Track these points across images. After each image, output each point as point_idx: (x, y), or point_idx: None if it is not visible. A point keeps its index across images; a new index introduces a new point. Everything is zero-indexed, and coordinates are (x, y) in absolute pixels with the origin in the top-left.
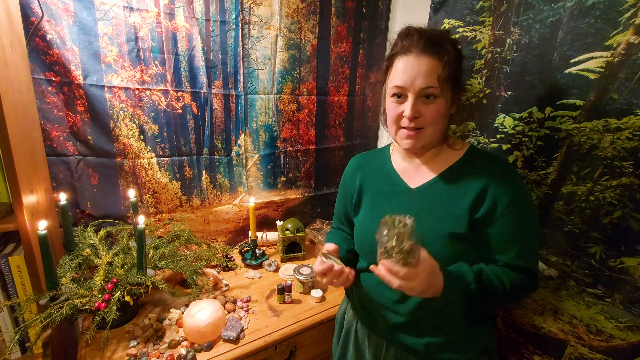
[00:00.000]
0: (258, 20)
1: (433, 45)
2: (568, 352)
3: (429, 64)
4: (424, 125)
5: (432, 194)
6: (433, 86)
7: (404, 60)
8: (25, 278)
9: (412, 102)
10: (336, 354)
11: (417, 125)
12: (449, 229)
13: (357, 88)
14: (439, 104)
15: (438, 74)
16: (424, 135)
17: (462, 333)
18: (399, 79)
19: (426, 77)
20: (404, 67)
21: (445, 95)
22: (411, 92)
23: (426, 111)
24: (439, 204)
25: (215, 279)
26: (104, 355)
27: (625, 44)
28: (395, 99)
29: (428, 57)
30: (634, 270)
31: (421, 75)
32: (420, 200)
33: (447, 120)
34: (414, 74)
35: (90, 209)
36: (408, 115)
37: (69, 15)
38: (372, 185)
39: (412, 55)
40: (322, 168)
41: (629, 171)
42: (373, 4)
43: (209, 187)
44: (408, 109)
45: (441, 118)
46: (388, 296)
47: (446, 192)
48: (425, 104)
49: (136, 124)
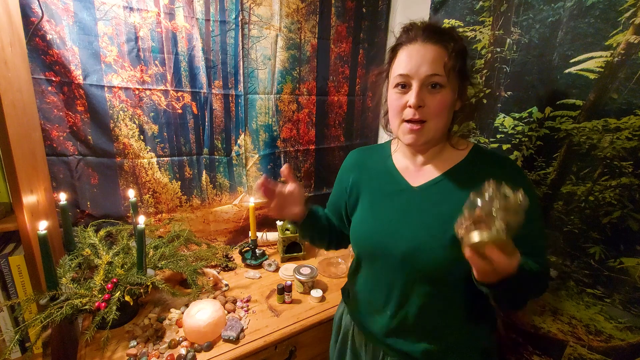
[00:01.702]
0: (258, 20)
1: (438, 34)
2: (567, 353)
3: (435, 51)
4: (428, 118)
5: (434, 193)
6: (439, 74)
7: (409, 48)
8: (25, 278)
9: (417, 90)
10: (333, 358)
11: (422, 116)
12: (452, 231)
13: (357, 88)
14: (445, 95)
15: (444, 62)
16: (427, 129)
17: (461, 338)
18: (403, 67)
19: (432, 65)
20: (408, 54)
21: (452, 86)
22: (416, 80)
23: (431, 101)
24: (442, 204)
25: (215, 279)
26: (104, 355)
27: (624, 43)
28: (399, 89)
29: (434, 44)
30: (633, 270)
31: (426, 63)
32: (422, 200)
33: (451, 115)
34: (419, 61)
35: (90, 209)
36: (412, 103)
37: (69, 15)
38: (371, 184)
39: (418, 43)
40: (322, 168)
41: (628, 171)
42: (373, 4)
43: (209, 187)
44: (413, 97)
45: (446, 110)
46: (385, 300)
47: (449, 192)
48: (431, 94)
49: (136, 124)
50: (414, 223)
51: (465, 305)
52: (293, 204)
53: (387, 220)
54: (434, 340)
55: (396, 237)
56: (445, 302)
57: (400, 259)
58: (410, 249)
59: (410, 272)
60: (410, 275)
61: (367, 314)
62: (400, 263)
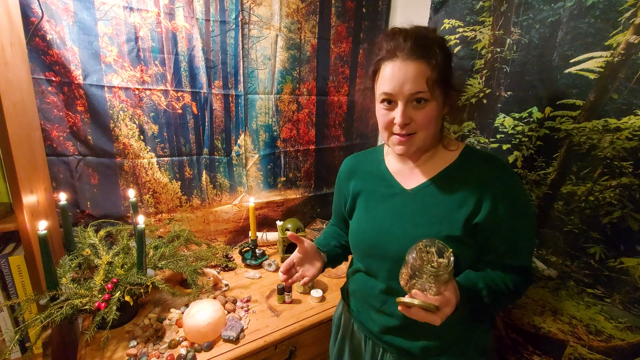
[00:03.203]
0: (258, 20)
1: (420, 48)
2: (567, 353)
3: (417, 68)
4: (415, 130)
5: (427, 196)
6: (422, 91)
7: (391, 65)
8: (25, 278)
9: (402, 109)
10: (333, 357)
11: (409, 131)
12: (445, 232)
13: (357, 88)
14: (430, 108)
15: (427, 77)
16: (417, 140)
17: (459, 335)
18: (387, 85)
19: (415, 83)
20: (391, 73)
21: (436, 98)
22: (400, 99)
23: (417, 116)
24: (435, 207)
25: (215, 279)
26: (104, 355)
27: (625, 43)
28: (386, 105)
29: (415, 61)
30: (633, 270)
31: (409, 81)
32: (415, 202)
33: (439, 122)
34: (402, 80)
35: (90, 209)
36: (399, 122)
37: (69, 15)
38: (367, 188)
39: (399, 60)
40: (322, 168)
41: (628, 171)
42: (373, 4)
43: (209, 187)
44: (398, 116)
45: (433, 122)
46: (382, 298)
47: (442, 195)
48: (416, 109)
49: (136, 124)
50: (408, 224)
51: None
52: (314, 259)
53: (381, 221)
54: (432, 337)
55: (390, 238)
56: None
57: (395, 259)
58: (404, 249)
59: None
60: None
61: (365, 312)
62: (395, 263)
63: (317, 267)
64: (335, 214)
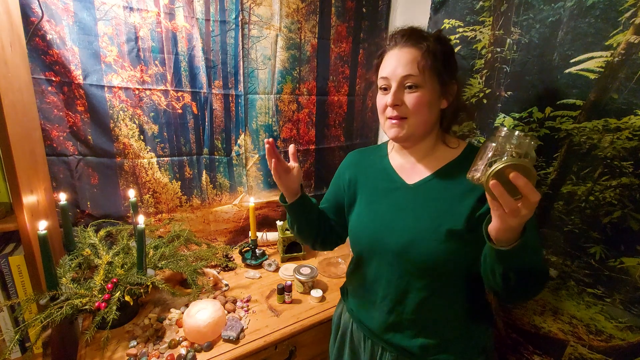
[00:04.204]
0: (258, 20)
1: (414, 36)
2: (568, 352)
3: (410, 54)
4: (407, 115)
5: (429, 190)
6: (413, 74)
7: (389, 54)
8: (25, 278)
9: (394, 90)
10: (332, 356)
11: (400, 114)
12: (446, 226)
13: (357, 88)
14: (422, 94)
15: (417, 62)
16: (408, 124)
17: (458, 333)
18: (384, 71)
19: (406, 66)
20: (388, 59)
21: (429, 85)
22: (393, 82)
23: (408, 100)
24: (437, 200)
25: (215, 279)
26: (104, 355)
27: (625, 43)
28: (382, 91)
29: (409, 47)
30: (633, 270)
31: (401, 65)
32: (417, 197)
33: (434, 112)
34: (395, 64)
35: (90, 209)
36: (389, 102)
37: (69, 15)
38: (368, 182)
39: (396, 48)
40: (322, 168)
41: (628, 171)
42: (373, 4)
43: (209, 187)
44: (389, 96)
45: (424, 108)
46: (382, 295)
47: (444, 189)
48: (408, 93)
49: (136, 123)
50: (409, 218)
51: (462, 301)
52: (291, 179)
53: (382, 216)
54: (431, 335)
55: (391, 231)
56: (442, 298)
57: (396, 253)
58: (405, 242)
59: (405, 266)
60: (406, 269)
61: (365, 310)
62: (395, 257)
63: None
64: (326, 202)
